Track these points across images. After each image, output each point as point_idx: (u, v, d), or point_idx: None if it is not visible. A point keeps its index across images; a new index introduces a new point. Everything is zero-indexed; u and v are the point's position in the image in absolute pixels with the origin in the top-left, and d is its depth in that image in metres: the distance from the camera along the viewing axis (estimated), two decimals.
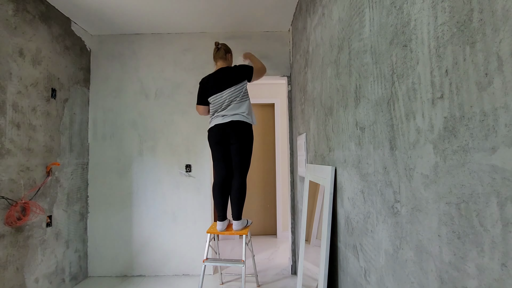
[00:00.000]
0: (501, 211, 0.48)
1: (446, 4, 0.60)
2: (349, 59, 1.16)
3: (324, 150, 1.58)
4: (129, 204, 2.72)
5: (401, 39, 0.78)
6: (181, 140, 2.75)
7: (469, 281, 0.55)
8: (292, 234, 2.68)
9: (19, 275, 1.90)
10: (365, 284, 1.04)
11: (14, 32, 1.90)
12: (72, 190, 2.48)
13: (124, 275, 2.68)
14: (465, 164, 0.56)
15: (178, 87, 2.78)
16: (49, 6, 2.23)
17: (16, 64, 1.91)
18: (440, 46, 0.62)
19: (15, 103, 1.89)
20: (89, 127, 2.75)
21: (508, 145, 0.46)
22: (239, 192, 2.16)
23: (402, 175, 0.78)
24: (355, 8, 1.09)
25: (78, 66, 2.60)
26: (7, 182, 1.82)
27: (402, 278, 0.79)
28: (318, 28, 1.66)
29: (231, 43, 2.80)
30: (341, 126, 1.28)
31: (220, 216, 2.16)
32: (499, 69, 0.48)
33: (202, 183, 2.72)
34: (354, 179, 1.13)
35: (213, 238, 2.57)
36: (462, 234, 0.57)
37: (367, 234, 1.02)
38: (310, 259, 1.61)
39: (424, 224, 0.69)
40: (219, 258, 2.18)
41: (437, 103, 0.64)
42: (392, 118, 0.83)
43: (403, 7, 0.76)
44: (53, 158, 2.23)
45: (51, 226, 2.20)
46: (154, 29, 2.71)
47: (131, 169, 2.73)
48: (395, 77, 0.81)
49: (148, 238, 2.70)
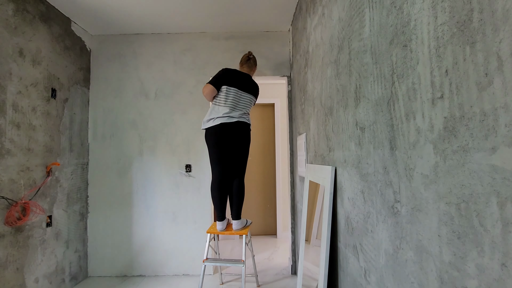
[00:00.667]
0: (501, 211, 0.48)
1: (446, 4, 0.60)
2: (349, 59, 1.16)
3: (324, 150, 1.58)
4: (129, 204, 2.72)
5: (401, 39, 0.78)
6: (181, 140, 2.75)
7: (469, 281, 0.55)
8: (292, 234, 2.68)
9: (19, 275, 1.90)
10: (365, 284, 1.04)
11: (14, 32, 1.90)
12: (72, 190, 2.48)
13: (124, 275, 2.68)
14: (465, 164, 0.56)
15: (178, 87, 2.78)
16: (49, 6, 2.23)
17: (16, 64, 1.91)
18: (440, 46, 0.62)
19: (15, 103, 1.89)
20: (89, 127, 2.75)
21: (508, 145, 0.46)
22: (239, 192, 2.19)
23: (402, 175, 0.78)
24: (355, 8, 1.09)
25: (78, 66, 2.60)
26: (7, 182, 1.82)
27: (402, 278, 0.79)
28: (318, 28, 1.66)
29: (231, 43, 2.80)
30: (341, 126, 1.28)
31: (220, 216, 2.16)
32: (499, 69, 0.48)
33: (202, 183, 2.72)
34: (354, 179, 1.13)
35: (213, 238, 2.58)
36: (462, 234, 0.57)
37: (367, 234, 1.02)
38: (310, 259, 1.61)
39: (424, 224, 0.69)
40: (219, 258, 2.18)
41: (437, 103, 0.64)
42: (392, 118, 0.83)
43: (403, 7, 0.76)
44: (53, 158, 2.23)
45: (51, 226, 2.20)
46: (154, 29, 2.71)
47: (131, 169, 2.73)
48: (395, 77, 0.81)
49: (148, 238, 2.70)
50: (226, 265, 2.25)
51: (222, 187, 2.15)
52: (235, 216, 2.20)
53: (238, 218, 2.19)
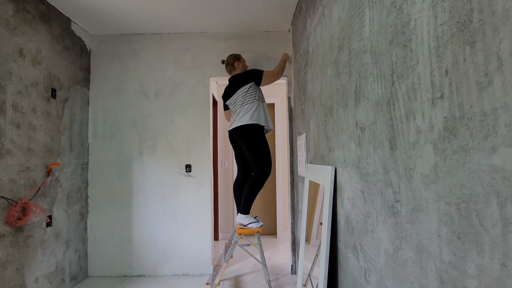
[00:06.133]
0: (501, 211, 0.48)
1: (446, 4, 0.60)
2: (349, 59, 1.16)
3: (324, 150, 1.58)
4: (129, 204, 2.72)
5: (401, 39, 0.78)
6: (181, 140, 2.75)
7: (469, 281, 0.55)
8: (292, 234, 2.68)
9: (19, 275, 1.90)
10: (365, 284, 1.04)
11: (14, 32, 1.90)
12: (72, 190, 2.48)
13: (124, 275, 2.68)
14: (465, 164, 0.56)
15: (178, 87, 2.78)
16: (49, 6, 2.23)
17: (16, 64, 1.91)
18: (440, 46, 0.62)
19: (15, 103, 1.89)
20: (89, 127, 2.75)
21: (508, 145, 0.46)
22: (247, 187, 2.24)
23: (402, 175, 0.78)
24: (355, 8, 1.09)
25: (78, 66, 2.60)
26: (7, 182, 1.82)
27: (402, 278, 0.79)
28: (318, 28, 1.66)
29: (231, 43, 2.80)
30: (341, 126, 1.28)
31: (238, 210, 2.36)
32: (499, 69, 0.48)
33: (202, 183, 2.72)
34: (354, 179, 1.13)
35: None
36: (462, 234, 0.57)
37: (367, 234, 1.02)
38: (310, 259, 1.61)
39: (424, 224, 0.69)
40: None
41: (437, 103, 0.64)
42: (392, 118, 0.83)
43: (403, 7, 0.76)
44: (53, 158, 2.23)
45: (51, 226, 2.20)
46: (154, 29, 2.71)
47: (131, 169, 2.73)
48: (395, 77, 0.81)
49: (148, 238, 2.70)
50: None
51: (238, 184, 2.40)
52: (240, 209, 2.28)
53: (243, 212, 2.25)
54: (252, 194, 2.21)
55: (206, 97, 2.77)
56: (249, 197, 2.21)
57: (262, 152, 2.20)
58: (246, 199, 2.21)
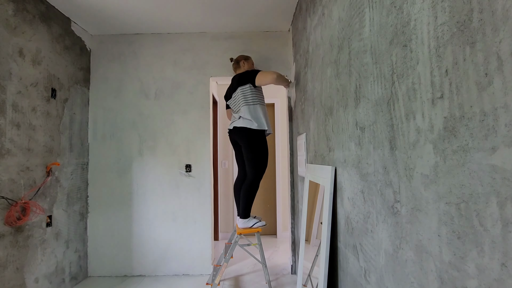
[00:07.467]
0: (501, 211, 0.48)
1: (446, 4, 0.60)
2: (349, 59, 1.16)
3: (324, 150, 1.58)
4: (129, 204, 2.72)
5: (401, 39, 0.78)
6: (181, 140, 2.75)
7: (469, 281, 0.55)
8: (292, 234, 2.68)
9: (19, 275, 1.90)
10: (365, 284, 1.04)
11: (14, 32, 1.90)
12: (72, 190, 2.48)
13: (124, 275, 2.68)
14: (465, 164, 0.56)
15: (178, 87, 2.78)
16: (49, 6, 2.23)
17: (16, 64, 1.91)
18: (440, 46, 0.62)
19: (15, 103, 1.89)
20: (89, 127, 2.75)
21: (508, 145, 0.46)
22: (244, 191, 2.23)
23: (402, 175, 0.78)
24: (355, 8, 1.09)
25: (78, 66, 2.60)
26: (7, 182, 1.82)
27: (402, 278, 0.79)
28: (318, 28, 1.66)
29: (231, 43, 2.80)
30: (341, 126, 1.28)
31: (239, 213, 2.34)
32: (499, 69, 0.48)
33: (202, 183, 2.72)
34: (354, 179, 1.13)
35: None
36: (462, 234, 0.57)
37: (367, 234, 1.02)
38: (310, 259, 1.61)
39: (424, 224, 0.69)
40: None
41: (437, 103, 0.64)
42: (392, 118, 0.83)
43: (403, 7, 0.76)
44: (53, 158, 2.23)
45: (51, 226, 2.20)
46: (154, 29, 2.71)
47: (131, 169, 2.73)
48: (395, 77, 0.81)
49: (148, 238, 2.70)
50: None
51: (237, 186, 2.41)
52: (239, 213, 2.28)
53: (243, 216, 2.24)
54: (249, 197, 2.22)
55: (206, 97, 2.77)
56: (247, 200, 2.22)
57: (260, 155, 2.20)
58: (244, 203, 2.22)
